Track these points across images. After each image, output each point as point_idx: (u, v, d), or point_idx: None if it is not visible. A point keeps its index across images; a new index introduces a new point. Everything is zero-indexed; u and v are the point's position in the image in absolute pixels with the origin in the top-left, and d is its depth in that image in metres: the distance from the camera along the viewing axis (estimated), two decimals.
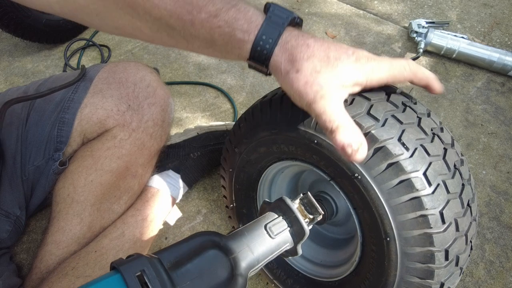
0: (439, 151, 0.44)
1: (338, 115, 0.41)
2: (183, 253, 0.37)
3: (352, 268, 0.54)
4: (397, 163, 0.42)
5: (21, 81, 1.14)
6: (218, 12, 0.43)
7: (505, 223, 0.86)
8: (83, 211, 0.70)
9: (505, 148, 0.99)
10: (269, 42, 0.43)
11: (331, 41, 0.44)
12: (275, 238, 0.45)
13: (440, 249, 0.43)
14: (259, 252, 0.43)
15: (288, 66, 0.43)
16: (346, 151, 0.40)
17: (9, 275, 0.67)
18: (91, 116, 0.71)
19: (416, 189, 0.42)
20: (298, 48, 0.43)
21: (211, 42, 0.45)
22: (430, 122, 0.47)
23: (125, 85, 0.73)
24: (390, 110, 0.45)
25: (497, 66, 1.13)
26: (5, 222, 0.70)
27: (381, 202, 0.44)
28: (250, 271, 0.42)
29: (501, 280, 0.78)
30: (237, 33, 0.43)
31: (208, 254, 0.38)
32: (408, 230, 0.43)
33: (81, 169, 0.71)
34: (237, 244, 0.42)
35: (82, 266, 0.65)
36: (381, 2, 1.38)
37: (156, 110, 0.75)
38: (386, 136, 0.43)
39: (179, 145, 0.85)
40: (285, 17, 0.44)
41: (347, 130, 0.40)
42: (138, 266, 0.33)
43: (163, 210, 0.79)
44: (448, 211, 0.43)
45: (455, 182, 0.44)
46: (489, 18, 1.32)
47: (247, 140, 0.57)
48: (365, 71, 0.43)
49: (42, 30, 1.15)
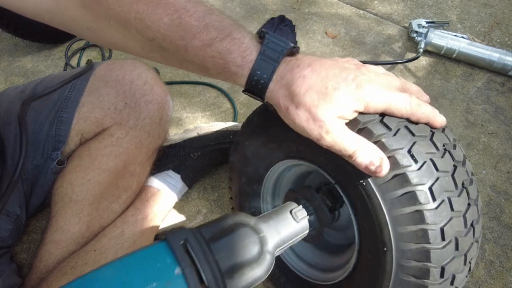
0: (448, 168, 0.43)
1: (349, 142, 0.41)
2: (220, 229, 0.41)
3: (345, 274, 0.54)
4: (404, 174, 0.42)
5: (21, 81, 1.15)
6: (212, 42, 0.42)
7: (505, 223, 0.85)
8: (82, 211, 0.70)
9: (505, 148, 0.99)
10: (263, 77, 0.42)
11: (331, 64, 0.42)
12: (300, 223, 0.50)
13: (436, 265, 0.42)
14: (285, 234, 0.48)
15: (286, 102, 0.42)
16: (370, 170, 0.40)
17: (10, 275, 0.67)
18: (88, 115, 0.71)
19: (419, 202, 0.41)
20: (294, 83, 0.41)
21: (205, 69, 0.44)
22: (443, 137, 0.46)
23: (121, 82, 0.73)
24: (403, 121, 0.44)
25: (497, 66, 1.13)
26: (5, 221, 0.70)
27: (383, 211, 0.43)
28: (277, 249, 0.46)
29: (501, 280, 0.77)
30: (230, 66, 0.42)
31: (241, 231, 0.42)
32: (407, 242, 0.43)
33: (79, 168, 0.71)
34: (265, 225, 0.46)
35: (81, 265, 0.65)
36: (381, 2, 1.38)
37: (154, 108, 0.75)
38: (396, 146, 0.42)
39: (179, 145, 0.85)
40: (280, 50, 0.42)
41: (363, 151, 0.40)
42: (182, 235, 0.37)
43: (163, 209, 0.79)
44: (449, 229, 0.42)
45: (460, 201, 0.43)
46: (489, 18, 1.32)
47: (259, 134, 0.57)
48: (365, 100, 0.41)
49: (42, 30, 1.15)
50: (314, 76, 0.41)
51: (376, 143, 0.42)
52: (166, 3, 0.43)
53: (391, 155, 0.42)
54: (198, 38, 0.42)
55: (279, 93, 0.42)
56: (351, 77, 0.41)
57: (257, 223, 0.45)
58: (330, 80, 0.41)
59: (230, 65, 0.42)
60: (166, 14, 0.42)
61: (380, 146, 0.42)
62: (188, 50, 0.43)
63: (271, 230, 0.46)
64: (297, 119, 0.42)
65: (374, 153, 0.41)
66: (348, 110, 0.41)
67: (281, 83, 0.42)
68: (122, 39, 0.46)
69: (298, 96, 0.41)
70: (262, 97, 0.44)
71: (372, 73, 0.43)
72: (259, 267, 0.41)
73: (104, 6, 0.44)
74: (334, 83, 0.41)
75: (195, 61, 0.44)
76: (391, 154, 0.42)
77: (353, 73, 0.42)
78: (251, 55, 0.42)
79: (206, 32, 0.42)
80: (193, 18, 0.42)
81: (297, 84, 0.41)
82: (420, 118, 0.44)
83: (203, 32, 0.42)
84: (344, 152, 0.41)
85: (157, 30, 0.43)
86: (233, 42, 0.42)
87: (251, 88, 0.43)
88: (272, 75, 0.42)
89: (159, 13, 0.43)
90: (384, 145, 0.42)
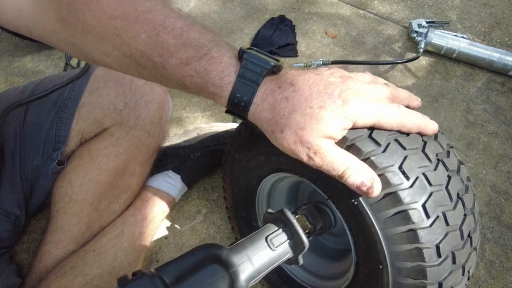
0: (442, 180, 0.42)
1: (338, 162, 0.39)
2: (184, 268, 0.38)
3: (345, 284, 0.53)
4: (395, 193, 0.40)
5: (21, 81, 1.15)
6: (189, 61, 0.40)
7: (505, 223, 0.85)
8: (82, 211, 0.70)
9: (505, 148, 0.99)
10: (244, 100, 0.40)
11: (314, 80, 0.40)
12: (276, 250, 0.46)
13: (433, 281, 0.42)
14: (260, 264, 0.44)
15: (271, 126, 0.41)
16: (361, 190, 0.39)
17: (9, 275, 0.67)
18: (88, 115, 0.71)
19: (412, 222, 0.40)
20: (277, 106, 0.40)
21: (183, 86, 0.43)
22: (436, 146, 0.44)
23: (121, 82, 0.73)
24: (393, 133, 0.42)
25: (497, 66, 1.13)
26: (4, 221, 0.70)
27: (376, 230, 0.42)
28: (250, 282, 0.43)
29: (501, 280, 0.77)
30: (209, 86, 0.41)
31: (208, 269, 0.39)
32: (402, 261, 0.42)
33: (79, 168, 0.71)
34: (238, 256, 0.43)
35: (80, 265, 0.65)
36: (381, 2, 1.38)
37: (154, 108, 0.75)
38: (386, 163, 0.40)
39: (179, 146, 0.85)
40: (259, 72, 0.40)
41: (353, 171, 0.39)
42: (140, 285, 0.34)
43: (162, 210, 0.79)
44: (445, 245, 0.41)
45: (456, 214, 0.42)
46: (489, 18, 1.32)
47: (248, 147, 0.56)
48: (352, 116, 0.40)
49: None
50: (297, 96, 0.39)
51: (366, 161, 0.41)
52: (144, 20, 0.41)
53: (381, 173, 0.40)
54: (175, 56, 0.41)
55: (262, 117, 0.41)
56: (337, 93, 0.40)
57: (228, 254, 0.42)
58: (314, 99, 0.39)
59: (208, 85, 0.41)
60: (143, 30, 0.41)
61: (369, 164, 0.41)
62: (166, 67, 0.41)
63: (244, 262, 0.43)
64: (284, 143, 0.40)
65: (365, 173, 0.39)
66: (336, 129, 0.39)
67: (263, 106, 0.40)
68: (100, 55, 0.45)
69: (283, 119, 0.39)
70: (245, 119, 0.43)
71: (359, 85, 0.42)
72: None
73: (82, 22, 0.43)
74: (319, 101, 0.39)
75: (173, 79, 0.42)
76: (381, 172, 0.40)
77: (338, 88, 0.40)
78: (229, 77, 0.40)
79: (184, 50, 0.40)
80: (170, 35, 0.41)
81: (280, 107, 0.39)
82: (411, 129, 0.43)
83: (180, 50, 0.40)
84: (334, 173, 0.40)
85: (135, 46, 0.42)
86: (211, 61, 0.40)
87: (232, 109, 0.42)
88: (253, 97, 0.40)
89: (137, 29, 0.41)
90: (374, 163, 0.41)
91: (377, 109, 0.41)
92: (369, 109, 0.40)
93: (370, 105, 0.41)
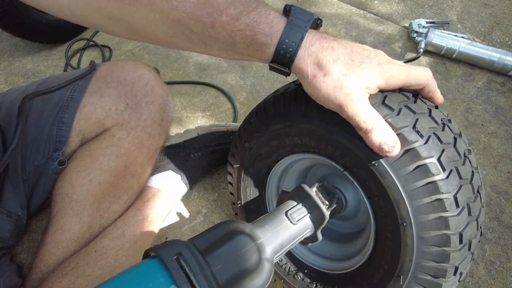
0: (450, 140, 0.46)
1: (371, 116, 0.42)
2: (214, 239, 0.39)
3: (365, 259, 0.55)
4: (413, 149, 0.43)
5: (22, 81, 1.15)
6: (239, 15, 0.43)
7: (505, 223, 0.85)
8: (82, 211, 0.70)
9: (505, 148, 0.99)
10: (292, 45, 0.43)
11: (352, 43, 0.45)
12: (296, 224, 0.48)
13: (455, 232, 0.44)
14: (283, 238, 0.46)
15: (314, 70, 0.43)
16: (383, 148, 0.42)
17: (10, 275, 0.67)
18: (90, 115, 0.71)
19: (432, 173, 0.43)
20: (323, 52, 0.43)
21: (232, 44, 0.45)
22: (439, 113, 0.48)
23: (123, 83, 0.73)
24: (403, 101, 0.46)
25: (497, 66, 1.13)
26: (7, 221, 0.70)
27: (398, 188, 0.45)
28: (275, 256, 0.44)
29: (501, 280, 0.77)
30: (259, 36, 0.43)
31: (237, 239, 0.40)
32: (424, 214, 0.44)
33: (79, 168, 0.71)
34: (261, 230, 0.44)
35: (82, 266, 0.65)
36: (382, 2, 1.38)
37: (155, 109, 0.75)
38: (402, 124, 0.44)
39: (180, 146, 0.85)
40: (306, 20, 0.44)
41: (381, 130, 0.42)
42: (175, 249, 0.35)
43: (163, 210, 0.79)
44: (461, 196, 0.44)
45: (466, 169, 0.46)
46: (489, 18, 1.32)
47: (258, 134, 0.58)
48: (386, 77, 0.44)
49: (43, 30, 1.15)
50: (341, 48, 0.43)
51: None
52: None
53: (398, 133, 0.44)
54: (225, 14, 0.43)
55: (308, 61, 0.43)
56: (373, 56, 0.44)
57: (252, 229, 0.43)
58: (355, 55, 0.43)
59: (259, 35, 0.43)
60: None
61: None
62: (215, 26, 0.44)
63: (268, 236, 0.45)
64: (323, 87, 0.43)
65: (390, 135, 0.43)
66: (373, 84, 0.43)
67: (310, 50, 0.43)
68: (147, 24, 0.47)
69: (327, 64, 0.42)
70: (289, 67, 0.45)
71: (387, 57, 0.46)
72: (258, 277, 0.39)
73: None
74: (360, 58, 0.43)
75: (222, 37, 0.44)
76: (398, 132, 0.44)
77: (373, 53, 0.45)
78: (279, 24, 0.43)
79: (233, 7, 0.43)
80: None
81: (326, 53, 0.43)
82: (433, 90, 0.47)
83: (230, 8, 0.43)
84: (363, 125, 0.42)
85: (184, 9, 0.44)
86: (260, 15, 0.43)
87: (279, 58, 0.44)
88: (301, 42, 0.43)
89: None
90: (391, 124, 0.44)
91: (407, 72, 0.45)
92: (401, 73, 0.45)
93: (401, 70, 0.45)
